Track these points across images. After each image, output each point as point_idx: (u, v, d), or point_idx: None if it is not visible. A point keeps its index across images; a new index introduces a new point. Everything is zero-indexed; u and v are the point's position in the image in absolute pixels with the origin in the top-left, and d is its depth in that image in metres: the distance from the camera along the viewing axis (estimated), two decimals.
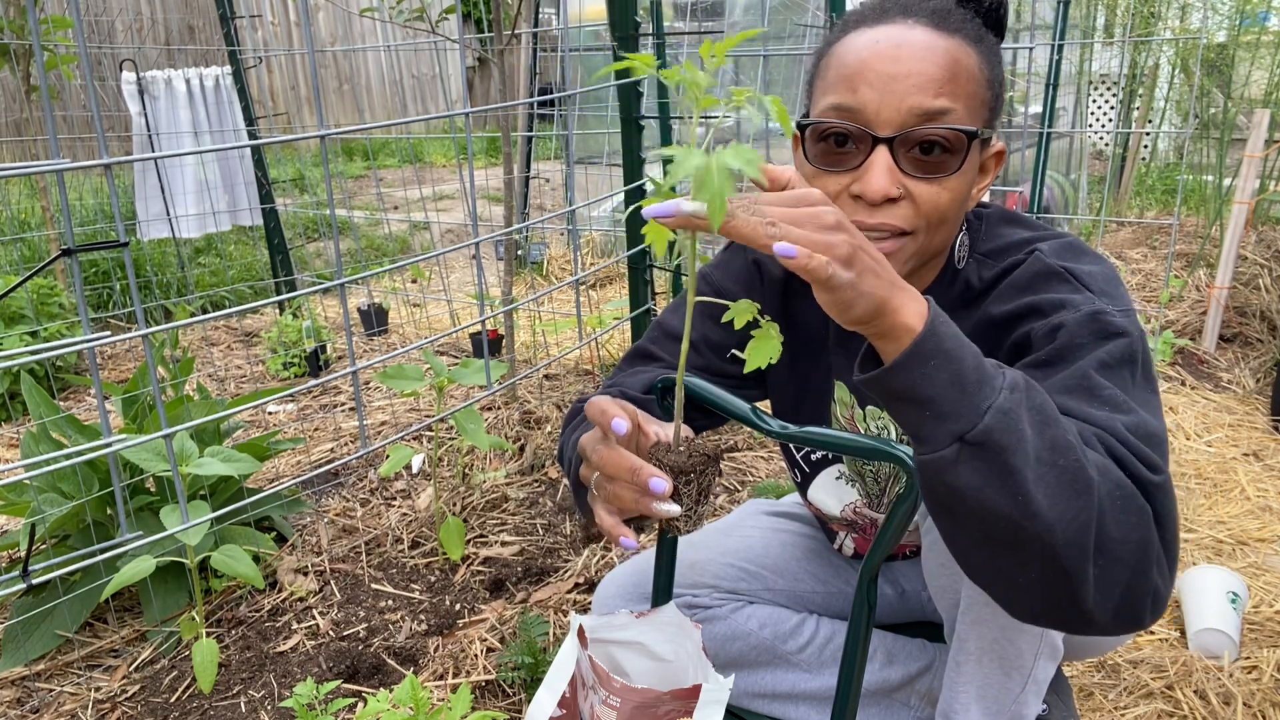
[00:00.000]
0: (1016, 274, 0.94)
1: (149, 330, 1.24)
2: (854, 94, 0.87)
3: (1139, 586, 0.73)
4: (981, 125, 0.89)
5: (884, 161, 0.86)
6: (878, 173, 0.86)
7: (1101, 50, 5.37)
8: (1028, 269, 0.93)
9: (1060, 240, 0.96)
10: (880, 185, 0.86)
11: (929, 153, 0.86)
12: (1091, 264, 0.93)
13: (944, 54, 0.86)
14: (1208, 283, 3.43)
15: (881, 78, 0.86)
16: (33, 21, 1.11)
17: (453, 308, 3.81)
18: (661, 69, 0.73)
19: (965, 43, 0.88)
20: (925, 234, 0.89)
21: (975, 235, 1.01)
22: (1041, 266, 0.92)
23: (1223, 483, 2.29)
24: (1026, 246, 0.96)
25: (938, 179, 0.87)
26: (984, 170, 0.94)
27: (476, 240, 1.62)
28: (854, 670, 0.97)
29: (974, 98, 0.88)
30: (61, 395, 3.15)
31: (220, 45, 3.70)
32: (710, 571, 1.33)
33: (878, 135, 0.86)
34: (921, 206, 0.88)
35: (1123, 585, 0.73)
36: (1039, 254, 0.94)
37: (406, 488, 2.31)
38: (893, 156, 0.87)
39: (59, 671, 1.68)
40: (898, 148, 0.87)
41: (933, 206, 0.88)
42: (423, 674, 1.61)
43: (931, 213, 0.88)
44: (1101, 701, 1.53)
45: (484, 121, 7.93)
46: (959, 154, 0.87)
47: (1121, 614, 0.74)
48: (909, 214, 0.88)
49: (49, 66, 3.27)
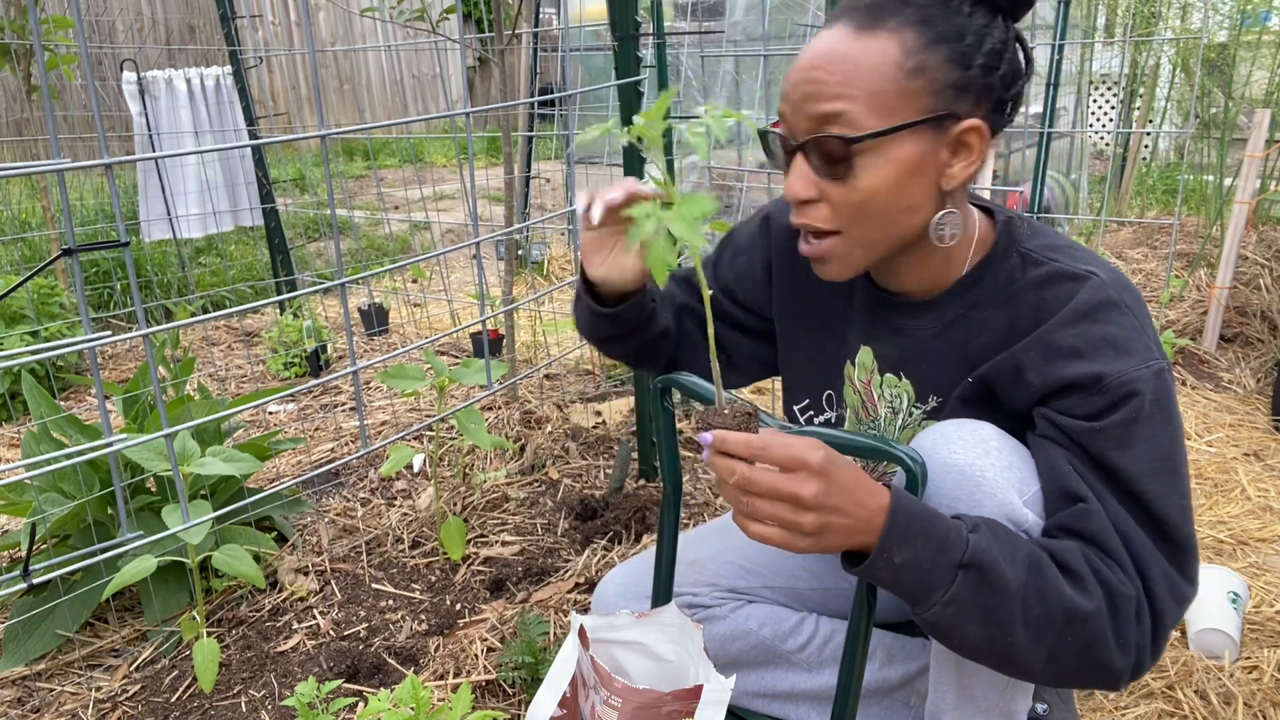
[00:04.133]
0: (1081, 299, 0.93)
1: (150, 330, 1.24)
2: (781, 104, 0.94)
3: (1106, 665, 0.86)
4: (911, 115, 0.88)
5: (799, 167, 0.93)
6: (792, 178, 0.94)
7: (1102, 50, 5.37)
8: (1092, 296, 0.93)
9: (1110, 271, 0.97)
10: (793, 190, 0.94)
11: (829, 157, 0.91)
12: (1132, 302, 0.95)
13: (847, 57, 0.88)
14: (1208, 283, 3.43)
15: (793, 88, 0.92)
16: (33, 21, 1.11)
17: (453, 308, 3.81)
18: (661, 70, 0.75)
19: (890, 34, 0.88)
20: (853, 230, 0.94)
21: (1017, 230, 1.00)
22: (1105, 298, 0.92)
23: (1223, 483, 2.29)
24: (1081, 264, 0.96)
25: (843, 180, 0.91)
26: (964, 147, 0.92)
27: (477, 240, 1.62)
28: (854, 669, 0.97)
29: (882, 94, 0.88)
30: (62, 395, 3.15)
31: (221, 45, 3.70)
32: (710, 569, 1.33)
33: (791, 143, 0.93)
34: (837, 207, 0.93)
35: (1085, 671, 0.87)
36: (1101, 282, 0.93)
37: (407, 487, 2.31)
38: (807, 161, 0.92)
39: (59, 671, 1.68)
40: (809, 153, 0.92)
41: (846, 206, 0.92)
42: (423, 674, 1.61)
43: (848, 212, 0.93)
44: (1102, 701, 1.53)
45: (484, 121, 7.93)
46: (850, 158, 0.89)
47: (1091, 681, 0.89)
48: (827, 214, 0.94)
49: (50, 66, 3.27)
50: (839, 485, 0.82)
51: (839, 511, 0.82)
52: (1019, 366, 0.94)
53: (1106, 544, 0.86)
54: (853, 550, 0.87)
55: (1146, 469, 0.87)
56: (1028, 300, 0.95)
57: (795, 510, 0.82)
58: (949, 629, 0.85)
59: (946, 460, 0.91)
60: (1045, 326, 0.93)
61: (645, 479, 2.24)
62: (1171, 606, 0.87)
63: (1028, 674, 0.87)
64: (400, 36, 4.40)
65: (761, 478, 0.82)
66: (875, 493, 0.84)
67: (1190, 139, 3.97)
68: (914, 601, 0.85)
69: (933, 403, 1.05)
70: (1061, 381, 0.90)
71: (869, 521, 0.83)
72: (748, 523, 0.85)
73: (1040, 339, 0.93)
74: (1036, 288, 0.95)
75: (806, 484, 0.81)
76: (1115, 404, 0.88)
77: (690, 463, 2.32)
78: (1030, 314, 0.95)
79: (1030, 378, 0.93)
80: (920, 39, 0.88)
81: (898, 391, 1.09)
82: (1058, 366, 0.90)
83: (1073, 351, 0.90)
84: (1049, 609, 0.83)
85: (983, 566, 0.83)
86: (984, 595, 0.83)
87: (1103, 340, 0.89)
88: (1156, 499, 0.87)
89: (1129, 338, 0.89)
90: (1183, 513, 0.88)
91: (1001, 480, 0.89)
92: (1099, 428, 0.88)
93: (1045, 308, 0.94)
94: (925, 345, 1.04)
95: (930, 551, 0.83)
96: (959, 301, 1.01)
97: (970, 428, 0.93)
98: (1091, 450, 0.89)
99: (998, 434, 0.93)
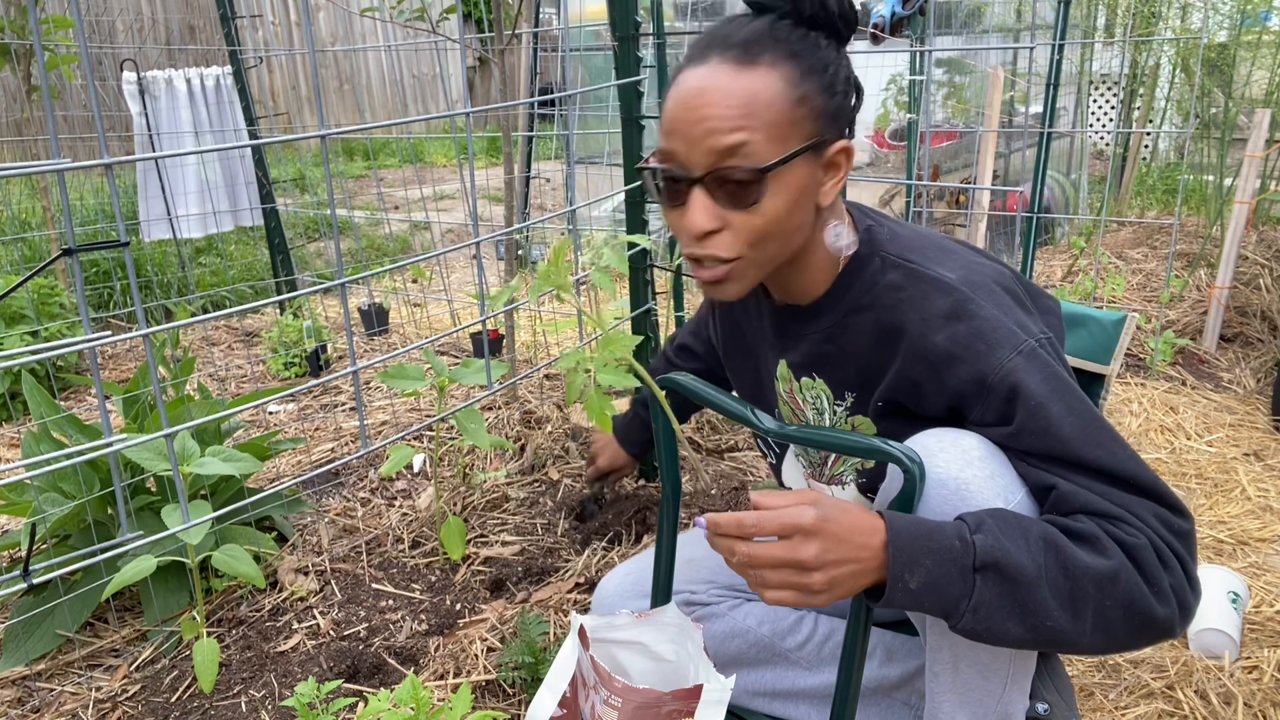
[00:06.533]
0: (939, 305, 0.99)
1: (150, 330, 1.24)
2: (668, 141, 0.96)
3: (1154, 622, 0.87)
4: (799, 142, 0.94)
5: (699, 200, 0.96)
6: (694, 211, 0.96)
7: (1102, 50, 5.37)
8: (946, 298, 0.99)
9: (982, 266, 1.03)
10: (697, 223, 0.96)
11: (734, 187, 0.94)
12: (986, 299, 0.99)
13: (739, 90, 0.92)
14: (1208, 282, 3.43)
15: (685, 125, 0.94)
16: (33, 21, 1.11)
17: (453, 308, 3.81)
18: (661, 70, 0.76)
19: (770, 68, 0.93)
20: (752, 252, 0.98)
21: (877, 235, 1.06)
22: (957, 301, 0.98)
23: (1223, 482, 2.29)
24: (932, 265, 1.02)
25: (749, 208, 0.95)
26: (834, 167, 0.99)
27: (477, 240, 1.62)
28: (853, 668, 0.97)
29: (778, 124, 0.93)
30: (62, 395, 3.15)
31: (221, 45, 3.70)
32: (708, 567, 1.34)
33: (691, 176, 0.95)
34: (741, 234, 0.96)
35: (1132, 632, 0.88)
36: (950, 282, 0.99)
37: (407, 487, 2.31)
38: (708, 193, 0.95)
39: (59, 671, 1.68)
40: (710, 185, 0.95)
41: (750, 232, 0.96)
42: (423, 674, 1.61)
43: (751, 237, 0.97)
44: (1102, 701, 1.53)
45: (484, 121, 7.93)
46: (760, 183, 0.93)
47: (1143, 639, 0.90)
48: (731, 241, 0.97)
49: (50, 66, 3.27)
50: (835, 538, 0.84)
51: (843, 563, 0.84)
52: (914, 382, 1.00)
53: (1098, 509, 0.89)
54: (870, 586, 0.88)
55: (1081, 442, 0.90)
56: (887, 301, 1.02)
57: (801, 574, 0.84)
58: (988, 632, 0.86)
59: (930, 474, 0.93)
60: (915, 336, 0.98)
61: (645, 479, 2.24)
62: (1180, 541, 0.89)
63: (1084, 650, 0.88)
64: (400, 36, 4.40)
65: (761, 552, 0.85)
66: (873, 530, 0.86)
67: (1190, 139, 3.97)
68: (944, 616, 0.87)
69: (849, 399, 1.10)
70: (954, 391, 0.96)
71: (874, 560, 0.85)
72: (762, 590, 0.87)
73: (917, 349, 0.98)
74: (895, 289, 1.02)
75: (804, 547, 0.84)
76: (1010, 399, 0.92)
77: (690, 463, 2.32)
78: (890, 314, 1.01)
79: (927, 390, 0.99)
80: (796, 71, 0.94)
81: (816, 392, 1.14)
82: (944, 374, 0.96)
83: (949, 355, 0.95)
84: (1077, 581, 0.85)
85: (997, 564, 0.84)
86: (1008, 590, 0.84)
87: (970, 336, 0.95)
88: (1107, 461, 0.90)
89: (993, 329, 0.94)
90: (1134, 460, 0.91)
91: (987, 490, 0.90)
92: (1015, 430, 0.92)
93: (901, 307, 1.00)
94: (821, 348, 1.10)
95: (941, 567, 0.84)
96: (836, 308, 1.07)
97: (951, 438, 0.95)
98: (1026, 449, 0.92)
99: (980, 443, 0.94)
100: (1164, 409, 2.71)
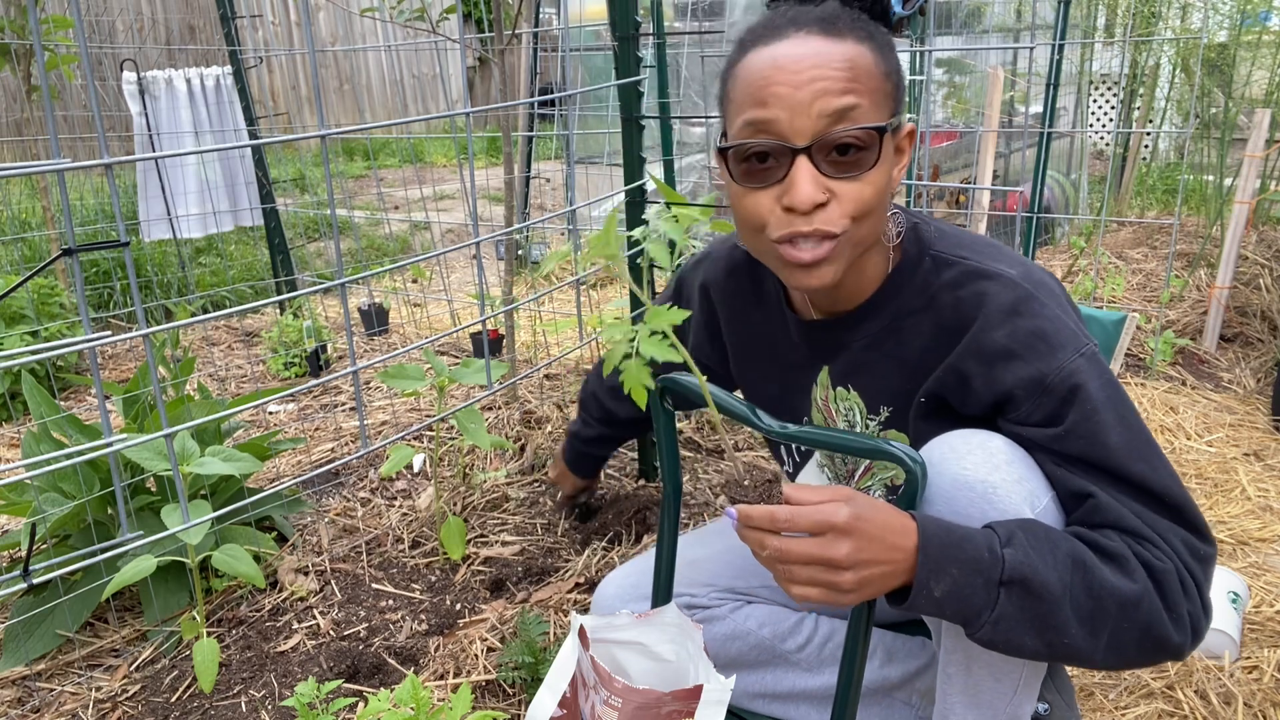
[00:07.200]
0: (1001, 300, 0.96)
1: (150, 330, 1.24)
2: (765, 109, 0.91)
3: (1160, 640, 0.87)
4: (889, 115, 0.93)
5: (806, 170, 0.91)
6: (803, 182, 0.90)
7: (1102, 50, 5.37)
8: (1009, 293, 0.96)
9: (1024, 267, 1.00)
10: (808, 194, 0.90)
11: (846, 153, 0.91)
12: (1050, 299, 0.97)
13: (840, 56, 0.90)
14: (1208, 282, 3.43)
15: (788, 90, 0.90)
16: (33, 21, 1.11)
17: (453, 308, 3.81)
18: (661, 70, 0.77)
19: (857, 42, 0.92)
20: (855, 229, 0.94)
21: (925, 233, 1.04)
22: (1019, 295, 0.96)
23: (1223, 482, 2.29)
24: (990, 261, 1.00)
25: (859, 175, 0.91)
26: (900, 151, 0.98)
27: (477, 240, 1.62)
28: (854, 668, 0.97)
29: (877, 91, 0.92)
30: (62, 395, 3.15)
31: (221, 45, 3.70)
32: (708, 569, 1.33)
33: (795, 146, 0.90)
34: (847, 205, 0.92)
35: (1136, 649, 0.88)
36: (1013, 278, 0.97)
37: (407, 487, 2.31)
38: (813, 163, 0.91)
39: (59, 671, 1.68)
40: (816, 154, 0.91)
41: (859, 202, 0.92)
42: (423, 674, 1.61)
43: (858, 209, 0.93)
44: (1102, 701, 1.53)
45: (484, 121, 7.93)
46: (874, 148, 0.91)
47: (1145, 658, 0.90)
48: (838, 214, 0.93)
49: (50, 66, 3.27)
50: (869, 538, 0.83)
51: (874, 563, 0.83)
52: (963, 376, 0.97)
53: (1130, 526, 0.88)
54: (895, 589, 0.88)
55: (1127, 453, 0.89)
56: (946, 301, 0.99)
57: (831, 571, 0.83)
58: (1004, 643, 0.86)
59: (958, 476, 0.91)
60: (973, 331, 0.96)
61: (645, 479, 2.24)
62: (1201, 566, 0.89)
63: (1091, 665, 0.88)
64: (400, 36, 4.40)
65: (792, 547, 0.83)
66: (906, 532, 0.85)
67: (1190, 139, 3.97)
68: (963, 624, 0.86)
69: (884, 414, 1.08)
70: (1007, 388, 0.93)
71: (905, 563, 0.84)
72: (789, 586, 0.86)
73: (973, 345, 0.95)
74: (952, 288, 0.99)
75: (837, 545, 0.82)
76: (1066, 401, 0.90)
77: (690, 463, 2.32)
78: (951, 313, 0.98)
79: (976, 385, 0.96)
80: (877, 46, 0.93)
81: (849, 404, 1.12)
82: (999, 370, 0.93)
83: (1007, 352, 0.93)
84: (1100, 602, 0.84)
85: (1023, 580, 0.83)
86: (1031, 606, 0.84)
87: (1032, 335, 0.92)
88: (1149, 476, 0.89)
89: (1055, 329, 0.92)
90: (1174, 479, 0.90)
91: (1015, 494, 0.89)
92: (1063, 432, 0.90)
93: (963, 306, 0.97)
94: (860, 357, 1.07)
95: (968, 577, 0.84)
96: (883, 313, 1.04)
97: (979, 440, 0.93)
98: (1069, 453, 0.91)
99: (1007, 446, 0.93)
100: (1164, 409, 2.71)
